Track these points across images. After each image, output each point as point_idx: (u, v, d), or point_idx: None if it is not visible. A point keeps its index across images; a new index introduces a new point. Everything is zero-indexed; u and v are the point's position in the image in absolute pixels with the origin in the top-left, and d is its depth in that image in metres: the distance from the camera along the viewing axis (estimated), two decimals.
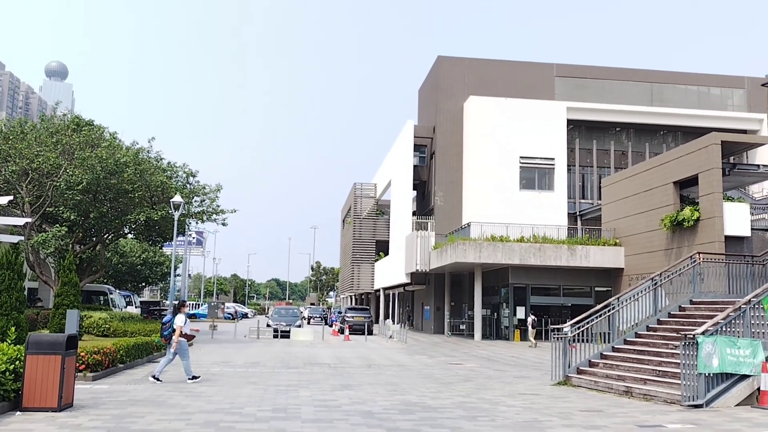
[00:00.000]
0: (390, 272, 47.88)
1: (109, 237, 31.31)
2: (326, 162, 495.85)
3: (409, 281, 42.01)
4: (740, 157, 36.58)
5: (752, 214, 27.85)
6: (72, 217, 25.98)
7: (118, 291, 43.95)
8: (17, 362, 10.01)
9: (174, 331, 13.75)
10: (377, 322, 51.56)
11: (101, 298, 38.04)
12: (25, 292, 18.72)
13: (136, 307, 43.73)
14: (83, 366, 13.87)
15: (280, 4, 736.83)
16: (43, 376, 9.80)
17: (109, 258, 41.38)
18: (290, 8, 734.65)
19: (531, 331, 30.44)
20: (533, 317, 31.06)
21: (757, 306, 12.36)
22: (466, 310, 40.19)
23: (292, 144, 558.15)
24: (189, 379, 14.08)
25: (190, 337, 14.36)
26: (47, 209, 26.27)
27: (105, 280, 44.96)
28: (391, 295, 55.38)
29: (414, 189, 46.66)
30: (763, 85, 15.74)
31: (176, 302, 15.45)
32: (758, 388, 11.57)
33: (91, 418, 9.41)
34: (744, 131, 42.50)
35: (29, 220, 24.12)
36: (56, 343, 9.96)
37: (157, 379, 13.80)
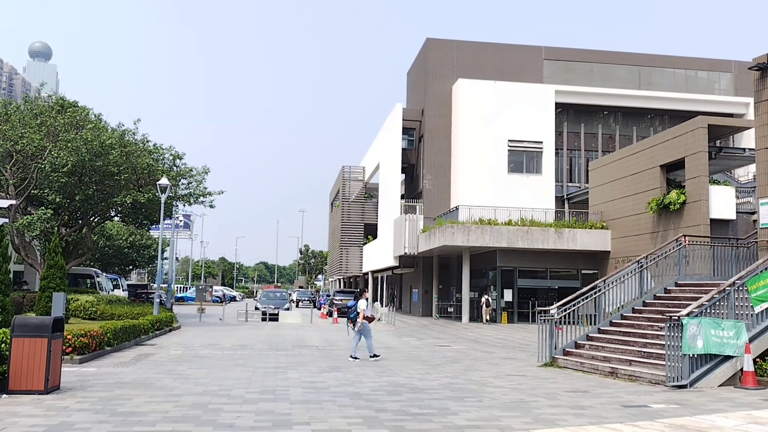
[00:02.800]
0: (378, 255, 47.97)
1: (96, 220, 31.09)
2: (315, 144, 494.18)
3: (397, 264, 42.12)
4: (726, 140, 36.85)
5: (737, 197, 28.08)
6: (57, 200, 25.76)
7: (105, 274, 43.76)
8: (3, 345, 9.95)
9: (358, 314, 15.70)
10: None
11: (88, 281, 37.86)
12: (11, 275, 18.59)
13: (123, 290, 43.59)
14: (70, 349, 13.82)
15: None
16: (30, 359, 9.75)
17: (95, 241, 41.11)
18: None
19: (486, 310, 33.31)
20: (487, 297, 33.69)
21: (741, 288, 12.50)
22: (454, 293, 40.40)
23: (280, 126, 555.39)
24: (371, 356, 15.64)
25: (371, 319, 16.18)
26: (32, 191, 26.02)
27: (92, 263, 44.72)
28: (379, 278, 55.53)
29: (402, 172, 46.62)
30: (750, 68, 15.79)
31: (358, 289, 17.87)
32: (741, 369, 11.73)
33: (78, 401, 9.39)
34: (731, 115, 42.69)
35: (14, 202, 23.90)
36: (42, 326, 9.90)
37: (355, 358, 15.51)
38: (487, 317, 33.37)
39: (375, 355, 15.75)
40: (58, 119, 25.72)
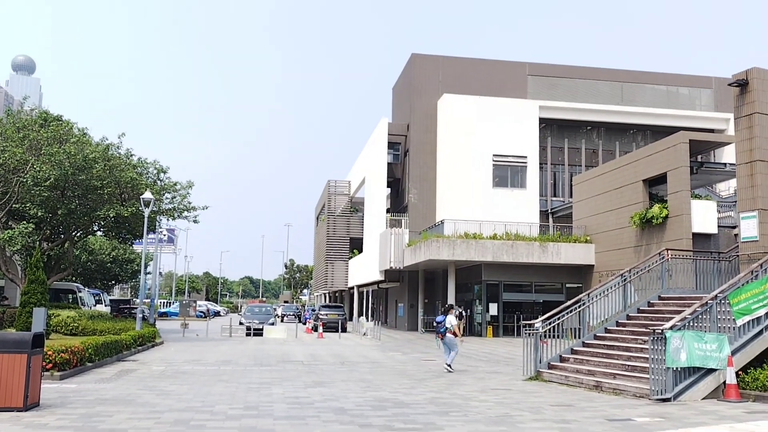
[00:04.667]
0: (364, 270, 47.86)
1: (78, 234, 30.80)
2: (300, 159, 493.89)
3: (383, 279, 42.03)
4: (708, 155, 37.25)
5: (719, 211, 28.39)
6: (39, 214, 25.50)
7: (87, 289, 43.29)
8: None
9: (447, 329, 16.81)
10: (351, 319, 51.52)
11: (70, 296, 37.44)
12: None
13: (105, 306, 43.12)
14: (50, 365, 13.63)
15: (254, 1, 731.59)
16: (8, 375, 9.59)
17: (77, 255, 40.70)
18: (264, 4, 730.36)
19: (458, 323, 32.37)
20: (460, 310, 33.07)
21: (723, 301, 12.60)
22: (440, 307, 40.33)
23: (265, 140, 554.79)
24: (447, 365, 16.63)
25: (456, 334, 17.21)
26: (14, 206, 25.74)
27: (74, 278, 44.22)
28: (365, 293, 55.40)
29: (388, 186, 46.68)
30: (729, 84, 16.05)
31: (446, 305, 18.81)
32: (724, 382, 11.80)
33: (57, 418, 9.24)
34: (711, 130, 43.28)
35: None
36: (22, 342, 9.76)
37: (451, 367, 16.57)
38: (458, 331, 33.31)
39: (449, 366, 16.64)
40: (41, 133, 25.53)
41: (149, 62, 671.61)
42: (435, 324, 17.69)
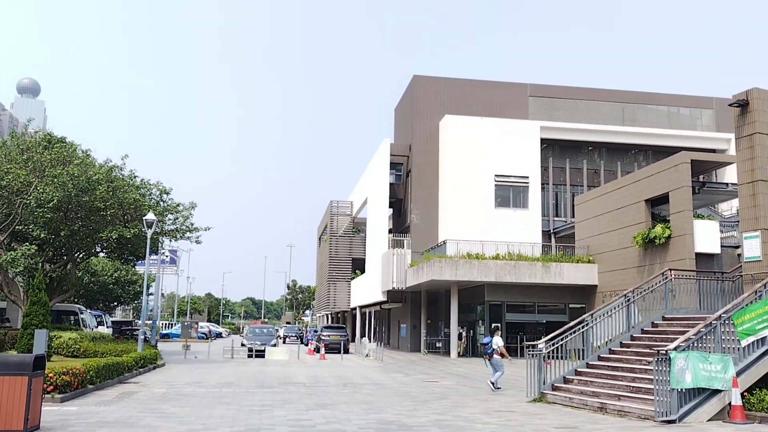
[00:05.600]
0: (366, 290, 47.73)
1: (81, 255, 30.79)
2: (303, 179, 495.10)
3: (385, 299, 41.90)
4: (709, 175, 37.31)
5: (722, 231, 28.34)
6: (42, 236, 25.52)
7: (89, 311, 43.15)
8: None
9: (494, 350, 17.41)
10: (353, 340, 51.27)
11: (72, 317, 37.31)
12: None
13: (107, 327, 42.95)
14: (51, 387, 13.55)
15: (258, 21, 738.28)
16: (9, 398, 9.54)
17: (80, 277, 40.66)
18: (267, 24, 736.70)
19: (459, 343, 34.77)
20: (460, 331, 35.23)
21: (727, 321, 12.54)
22: (443, 327, 40.17)
23: (268, 161, 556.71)
24: (493, 382, 17.26)
25: (504, 355, 17.65)
26: (17, 227, 25.77)
27: (76, 300, 44.14)
28: (367, 314, 55.17)
29: (390, 207, 46.71)
30: (730, 105, 16.11)
31: (492, 327, 19.17)
32: (729, 403, 11.70)
33: None
34: (713, 150, 43.37)
35: None
36: (23, 364, 9.72)
37: (497, 387, 17.17)
38: (460, 350, 34.49)
39: (497, 387, 17.22)
40: (44, 155, 25.64)
41: (153, 87, 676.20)
42: (481, 345, 18.50)
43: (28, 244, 25.57)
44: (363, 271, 50.95)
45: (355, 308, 54.21)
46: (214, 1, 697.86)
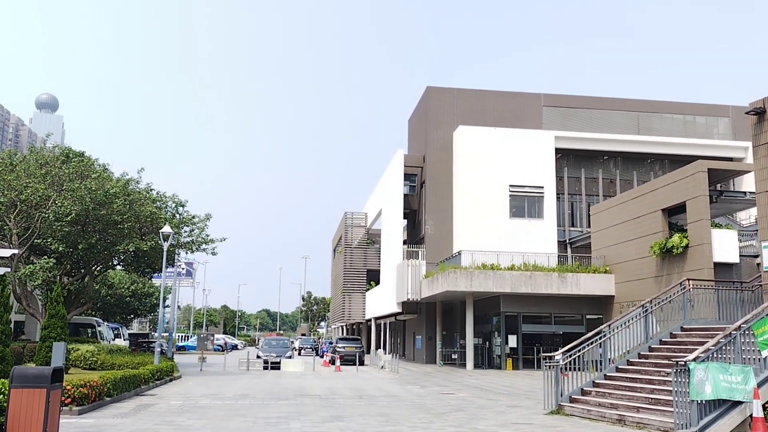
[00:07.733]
0: (381, 302, 47.65)
1: (98, 268, 31.07)
2: (317, 191, 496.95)
3: (400, 311, 41.78)
4: (727, 184, 36.97)
5: (740, 240, 27.99)
6: (60, 249, 25.80)
7: (106, 323, 43.51)
8: (1, 396, 9.84)
9: None
10: (369, 352, 51.14)
11: (89, 330, 37.61)
12: (12, 325, 18.48)
13: (124, 340, 43.25)
14: (69, 400, 13.65)
15: (272, 33, 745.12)
16: (27, 411, 9.61)
17: (97, 290, 41.00)
18: (281, 36, 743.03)
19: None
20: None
21: (747, 332, 12.37)
22: (458, 339, 39.96)
23: (284, 173, 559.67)
24: None
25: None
26: (35, 241, 26.08)
27: (93, 312, 44.51)
28: (382, 325, 55.04)
29: (404, 218, 46.68)
30: (747, 113, 16.00)
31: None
32: (750, 415, 11.51)
33: None
34: (730, 159, 42.98)
35: (16, 251, 23.92)
36: (41, 377, 9.79)
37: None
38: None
39: None
40: (63, 169, 25.98)
41: (170, 99, 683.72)
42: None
43: (46, 257, 25.86)
44: (378, 283, 50.89)
45: (370, 320, 54.12)
46: (223, 13, 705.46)
